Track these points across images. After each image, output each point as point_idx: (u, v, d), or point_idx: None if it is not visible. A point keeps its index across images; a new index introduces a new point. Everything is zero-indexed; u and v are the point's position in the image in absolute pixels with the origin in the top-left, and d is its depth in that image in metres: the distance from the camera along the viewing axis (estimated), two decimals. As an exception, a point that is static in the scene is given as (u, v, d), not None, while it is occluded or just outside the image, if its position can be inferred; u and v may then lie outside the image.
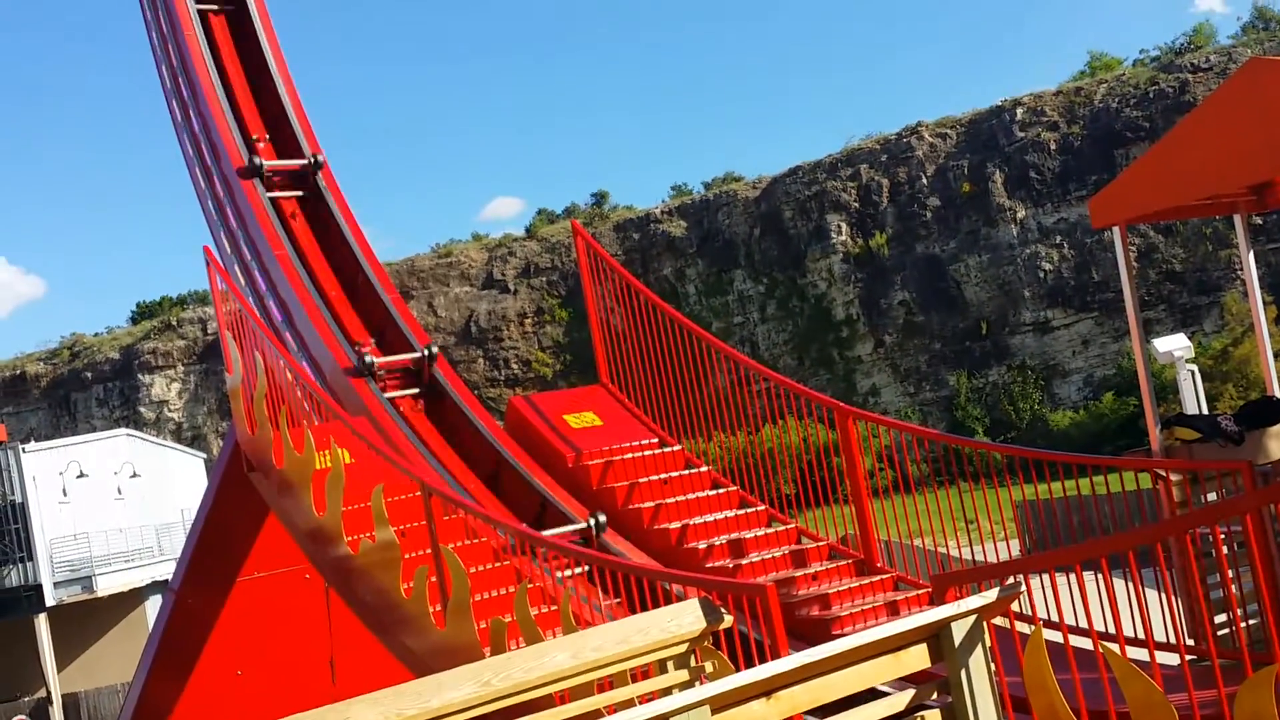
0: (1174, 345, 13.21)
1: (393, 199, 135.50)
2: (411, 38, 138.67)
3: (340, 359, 13.27)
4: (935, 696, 4.53)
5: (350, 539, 10.18)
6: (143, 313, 77.57)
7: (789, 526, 11.14)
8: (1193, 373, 12.80)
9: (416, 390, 13.45)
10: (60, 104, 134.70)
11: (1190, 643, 7.80)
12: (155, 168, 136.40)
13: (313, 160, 15.54)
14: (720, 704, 3.91)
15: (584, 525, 11.00)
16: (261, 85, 16.62)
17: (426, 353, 13.44)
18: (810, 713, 4.37)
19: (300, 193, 15.55)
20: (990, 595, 4.57)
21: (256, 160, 15.25)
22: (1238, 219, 9.83)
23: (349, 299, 14.65)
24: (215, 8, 17.17)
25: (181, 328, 70.72)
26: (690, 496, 11.39)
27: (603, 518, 11.09)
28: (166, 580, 20.93)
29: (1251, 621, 7.57)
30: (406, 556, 9.67)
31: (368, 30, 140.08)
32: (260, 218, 14.78)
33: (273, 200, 15.20)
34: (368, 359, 13.10)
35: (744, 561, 10.39)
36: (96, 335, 75.35)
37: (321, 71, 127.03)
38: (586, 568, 10.43)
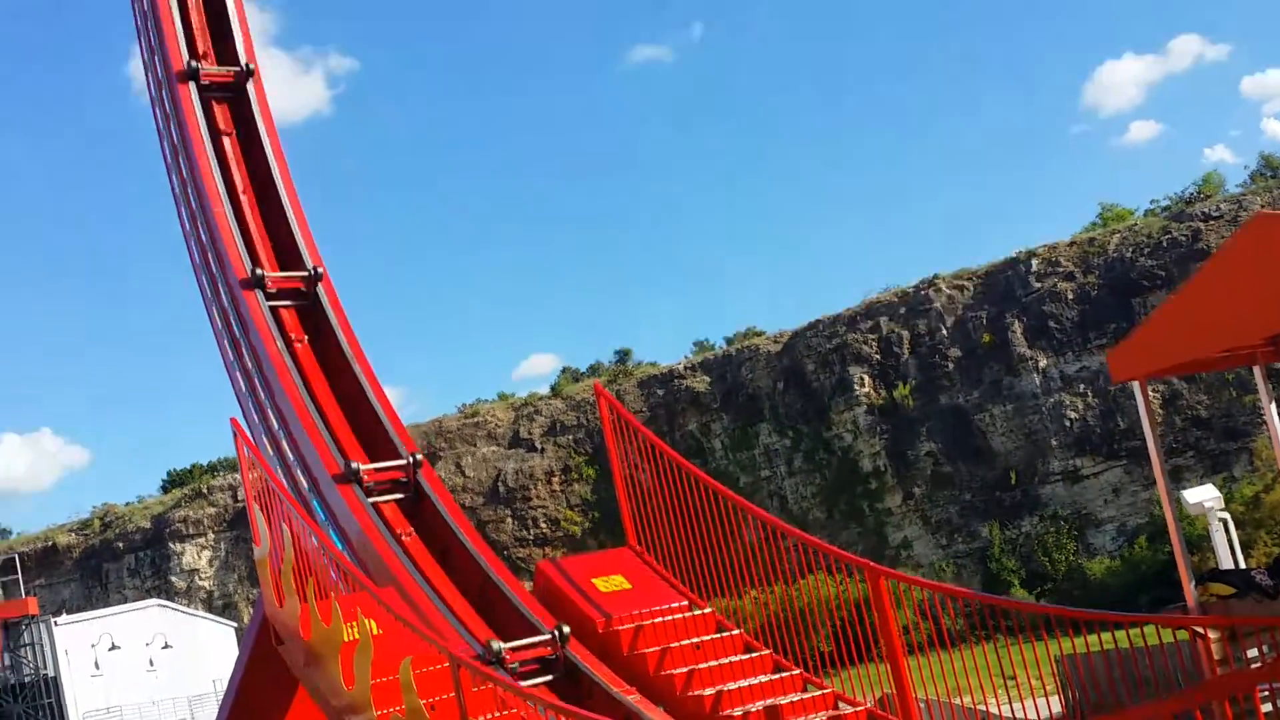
0: (1204, 496, 13.15)
1: (424, 360, 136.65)
2: (450, 205, 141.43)
3: (329, 465, 13.54)
4: None
5: (380, 713, 10.08)
6: (174, 481, 77.88)
7: (825, 691, 10.96)
8: (1224, 523, 12.69)
9: (401, 496, 13.73)
10: (98, 269, 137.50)
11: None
12: (188, 334, 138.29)
13: (313, 272, 15.74)
14: None
15: (548, 636, 11.31)
16: (266, 198, 16.80)
17: (412, 459, 13.78)
18: None
19: (301, 304, 15.78)
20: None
21: (259, 271, 15.42)
22: (1257, 370, 9.89)
23: (342, 409, 14.79)
24: (227, 130, 17.23)
25: (212, 495, 70.89)
26: (723, 661, 11.25)
27: (566, 629, 11.37)
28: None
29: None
30: (436, 730, 9.56)
31: (412, 198, 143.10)
32: (259, 326, 15.05)
33: (273, 309, 15.39)
34: (354, 465, 13.46)
35: (779, 729, 10.21)
36: (128, 504, 75.59)
37: (363, 239, 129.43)
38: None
